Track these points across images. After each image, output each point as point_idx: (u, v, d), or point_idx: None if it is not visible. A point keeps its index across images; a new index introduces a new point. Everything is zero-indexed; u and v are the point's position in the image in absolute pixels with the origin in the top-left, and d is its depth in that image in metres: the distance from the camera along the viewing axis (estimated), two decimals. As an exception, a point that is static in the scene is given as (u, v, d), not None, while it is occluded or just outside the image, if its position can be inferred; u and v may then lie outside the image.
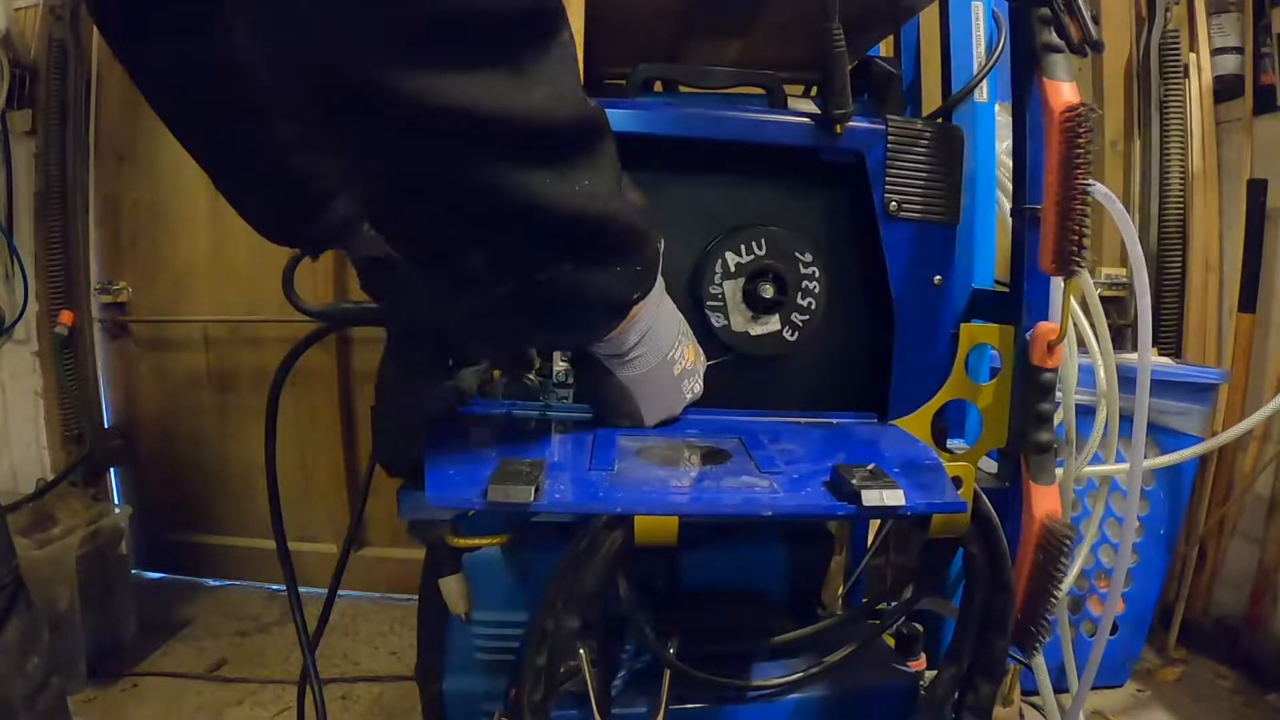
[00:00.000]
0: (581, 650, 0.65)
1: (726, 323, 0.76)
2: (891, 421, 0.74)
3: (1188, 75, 1.74)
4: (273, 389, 0.89)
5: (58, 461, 1.94)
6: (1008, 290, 0.74)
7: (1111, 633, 1.53)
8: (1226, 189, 1.74)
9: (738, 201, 0.78)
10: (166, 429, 2.03)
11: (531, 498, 0.53)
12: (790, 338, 0.76)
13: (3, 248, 1.85)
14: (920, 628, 0.89)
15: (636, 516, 0.57)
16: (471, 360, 0.70)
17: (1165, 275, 1.75)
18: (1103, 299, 1.82)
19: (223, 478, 2.02)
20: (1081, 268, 0.62)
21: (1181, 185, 1.75)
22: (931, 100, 0.98)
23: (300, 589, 0.91)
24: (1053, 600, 0.66)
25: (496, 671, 0.78)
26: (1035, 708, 1.34)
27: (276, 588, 1.97)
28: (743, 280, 0.75)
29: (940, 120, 0.87)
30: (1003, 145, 1.00)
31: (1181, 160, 1.75)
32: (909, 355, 0.75)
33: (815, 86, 0.96)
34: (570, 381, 0.74)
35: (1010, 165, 0.76)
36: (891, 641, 0.89)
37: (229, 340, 1.98)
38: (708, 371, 0.74)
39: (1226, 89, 1.73)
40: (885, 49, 1.07)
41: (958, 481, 0.60)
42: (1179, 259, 1.75)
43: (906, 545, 0.92)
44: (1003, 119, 0.96)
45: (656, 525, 0.57)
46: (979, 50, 0.94)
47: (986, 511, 0.63)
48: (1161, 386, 1.44)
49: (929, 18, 0.97)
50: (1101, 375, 1.00)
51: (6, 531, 0.72)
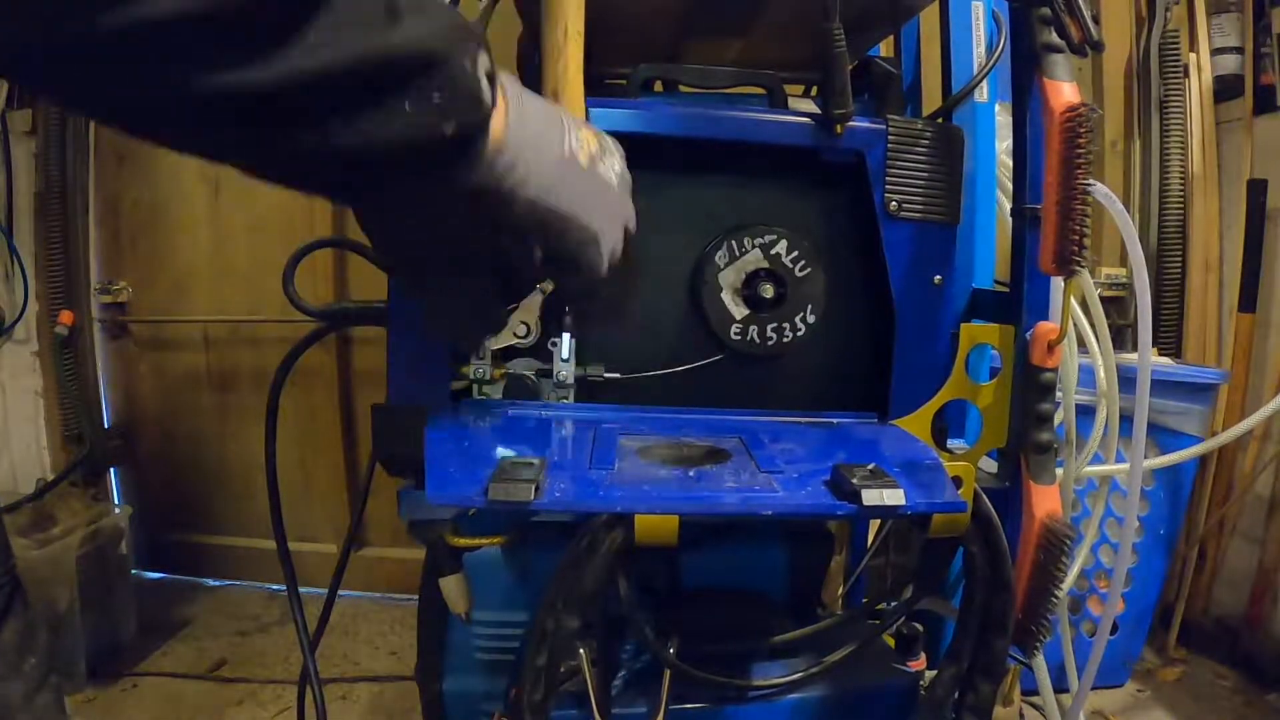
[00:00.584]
0: (581, 650, 0.65)
1: (726, 322, 0.76)
2: (892, 421, 0.74)
3: (1188, 75, 1.74)
4: (273, 389, 0.89)
5: (58, 461, 1.94)
6: (1008, 290, 0.75)
7: (1111, 633, 1.52)
8: (1226, 189, 1.74)
9: (738, 201, 0.78)
10: (166, 429, 2.03)
11: (532, 496, 0.53)
12: (790, 337, 0.76)
13: (3, 248, 1.85)
14: (920, 628, 0.89)
15: (637, 515, 0.57)
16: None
17: (1165, 275, 1.75)
18: (1103, 299, 1.82)
19: (223, 478, 2.02)
20: (1081, 268, 0.62)
21: (1181, 185, 1.75)
22: (931, 100, 0.98)
23: (300, 589, 0.91)
24: (1053, 600, 0.67)
25: (496, 671, 0.78)
26: (1035, 708, 1.34)
27: (276, 588, 1.97)
28: (742, 280, 0.75)
29: (940, 120, 0.87)
30: (1003, 145, 1.00)
31: (1181, 160, 1.75)
32: (909, 355, 0.75)
33: (815, 86, 0.96)
34: (571, 382, 0.74)
35: (1010, 165, 0.76)
36: (891, 641, 0.89)
37: (229, 340, 1.98)
38: (708, 370, 0.74)
39: (1226, 89, 1.73)
40: (885, 49, 1.07)
41: (958, 481, 0.61)
42: (1179, 259, 1.75)
43: (906, 545, 0.92)
44: (1003, 119, 0.96)
45: (657, 524, 0.57)
46: (979, 50, 0.94)
47: (987, 511, 0.63)
48: (1161, 386, 1.44)
49: (929, 18, 0.97)
50: (1101, 375, 1.00)
51: (3, 532, 0.72)
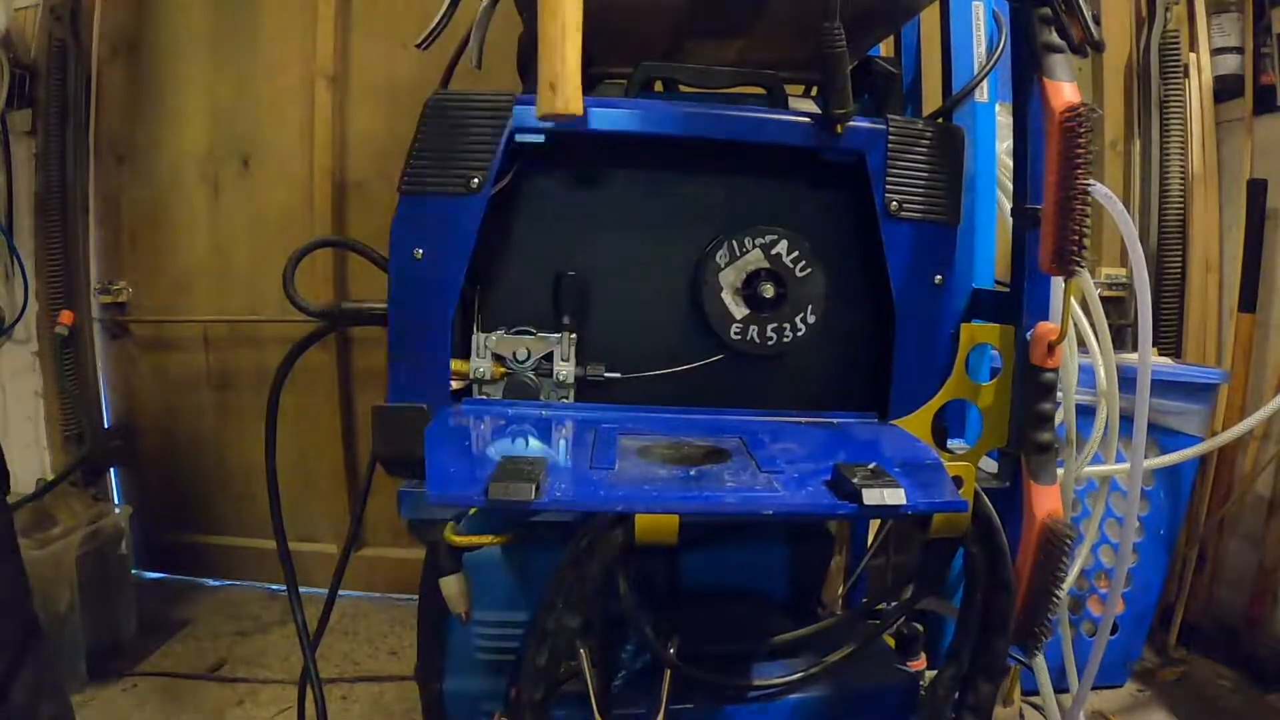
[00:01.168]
0: (582, 650, 0.65)
1: (727, 322, 0.76)
2: (892, 421, 0.74)
3: (1188, 75, 1.74)
4: (273, 389, 0.89)
5: (58, 461, 1.93)
6: (1008, 290, 0.75)
7: (1111, 633, 1.52)
8: (1226, 189, 1.74)
9: (738, 201, 0.77)
10: (166, 429, 2.03)
11: (532, 495, 0.52)
12: (790, 337, 0.76)
13: (3, 248, 1.85)
14: (920, 628, 0.89)
15: (637, 515, 0.57)
16: None
17: (1165, 275, 1.75)
18: (1103, 299, 1.83)
19: (223, 477, 2.02)
20: (1081, 268, 0.62)
21: (1181, 185, 1.75)
22: (932, 100, 0.98)
23: (300, 589, 0.91)
24: (1054, 600, 0.66)
25: (496, 671, 0.78)
26: (1035, 708, 1.34)
27: (276, 588, 1.97)
28: (743, 280, 0.75)
29: (941, 120, 0.87)
30: (1003, 145, 1.00)
31: (1181, 160, 1.75)
32: (909, 355, 0.75)
33: (815, 86, 0.96)
34: (571, 382, 0.74)
35: (1010, 165, 0.76)
36: (891, 641, 0.89)
37: (229, 340, 1.98)
38: (708, 370, 0.74)
39: (1226, 89, 1.72)
40: (885, 49, 1.07)
41: (958, 481, 0.60)
42: (1179, 259, 1.75)
43: (907, 545, 0.92)
44: (1003, 119, 0.97)
45: (657, 524, 0.57)
46: (979, 50, 0.95)
47: (987, 511, 0.63)
48: (1161, 386, 1.44)
49: (929, 18, 0.97)
50: (1101, 375, 1.00)
51: (21, 574, 0.71)
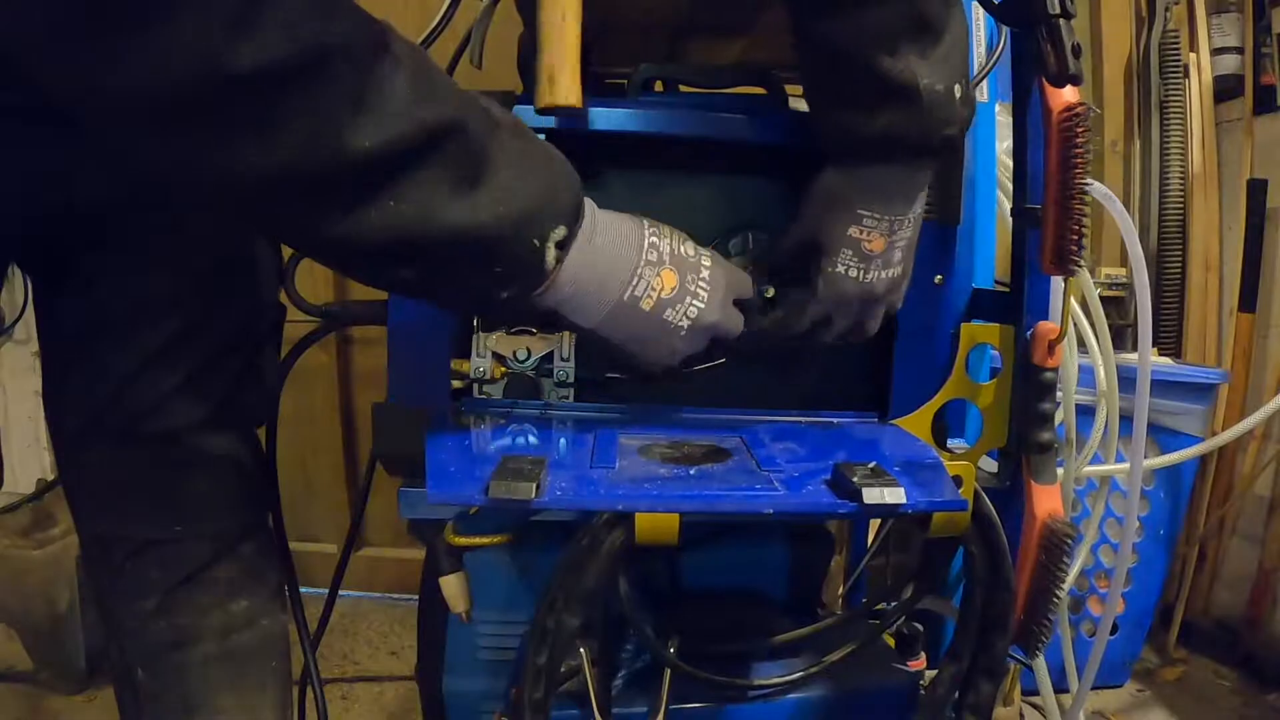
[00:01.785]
0: (582, 650, 0.65)
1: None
2: (892, 421, 0.74)
3: (1188, 75, 1.74)
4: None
5: (58, 461, 1.93)
6: (1008, 290, 0.75)
7: (1111, 633, 1.52)
8: (1226, 189, 1.74)
9: (737, 201, 0.77)
10: (166, 429, 2.03)
11: (533, 494, 0.53)
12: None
13: (3, 248, 1.85)
14: (920, 627, 0.89)
15: (637, 514, 0.57)
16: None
17: (1165, 275, 1.75)
18: (1103, 299, 1.83)
19: (223, 478, 2.02)
20: (1081, 267, 0.62)
21: (1181, 185, 1.75)
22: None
23: (300, 589, 0.91)
24: (1055, 600, 0.67)
25: (497, 671, 0.78)
26: (1035, 708, 1.34)
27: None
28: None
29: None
30: (1003, 145, 1.00)
31: (1181, 160, 1.75)
32: (909, 355, 0.75)
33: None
34: (571, 381, 0.74)
35: (1010, 165, 0.76)
36: (891, 641, 0.89)
37: (229, 340, 1.98)
38: (708, 371, 0.74)
39: (1226, 89, 1.73)
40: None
41: (958, 480, 0.61)
42: (1179, 259, 1.75)
43: (907, 545, 0.92)
44: (1003, 119, 0.97)
45: (657, 523, 0.57)
46: (979, 50, 0.95)
47: (987, 510, 0.63)
48: (1161, 386, 1.43)
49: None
50: (1101, 375, 1.00)
51: (246, 483, 0.78)
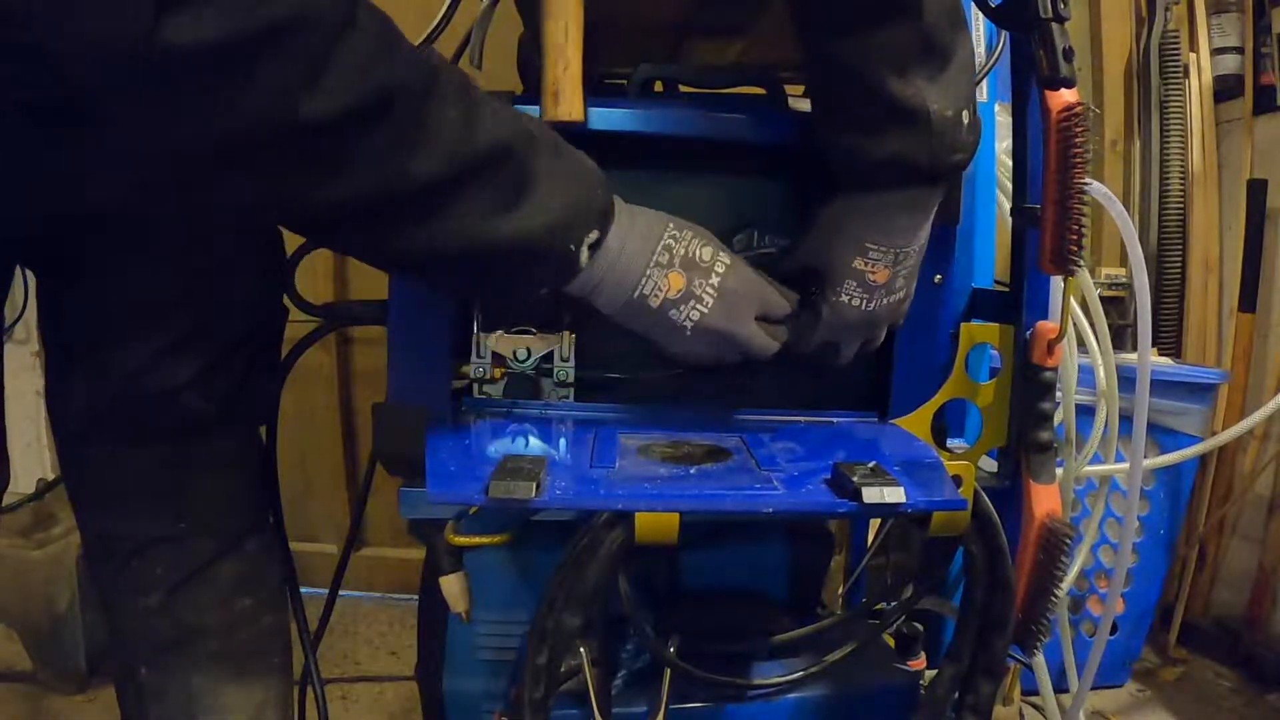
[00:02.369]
0: (582, 649, 0.65)
1: None
2: (892, 421, 0.74)
3: (1188, 75, 1.74)
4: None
5: (58, 461, 1.93)
6: (1008, 290, 0.75)
7: (1111, 633, 1.52)
8: (1226, 189, 1.74)
9: (737, 202, 0.77)
10: (167, 429, 2.03)
11: (533, 494, 0.53)
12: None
13: (3, 248, 1.85)
14: (920, 627, 0.89)
15: (637, 514, 0.57)
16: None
17: (1165, 275, 1.75)
18: (1103, 299, 1.82)
19: (223, 478, 2.02)
20: (1080, 267, 0.62)
21: (1181, 185, 1.75)
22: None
23: (300, 589, 0.91)
24: (1054, 599, 0.67)
25: (497, 671, 0.78)
26: (1035, 708, 1.34)
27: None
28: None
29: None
30: (1002, 145, 1.00)
31: (1181, 160, 1.75)
32: (909, 354, 0.75)
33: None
34: (571, 381, 0.74)
35: (1010, 165, 0.76)
36: (891, 641, 0.89)
37: (229, 340, 1.98)
38: (708, 369, 0.74)
39: (1226, 89, 1.73)
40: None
41: (958, 480, 0.61)
42: (1179, 259, 1.75)
43: (906, 544, 0.92)
44: (1003, 119, 0.96)
45: (657, 523, 0.57)
46: (979, 50, 0.95)
47: (986, 510, 0.63)
48: (1161, 386, 1.44)
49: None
50: (1101, 375, 1.00)
51: (249, 481, 0.79)
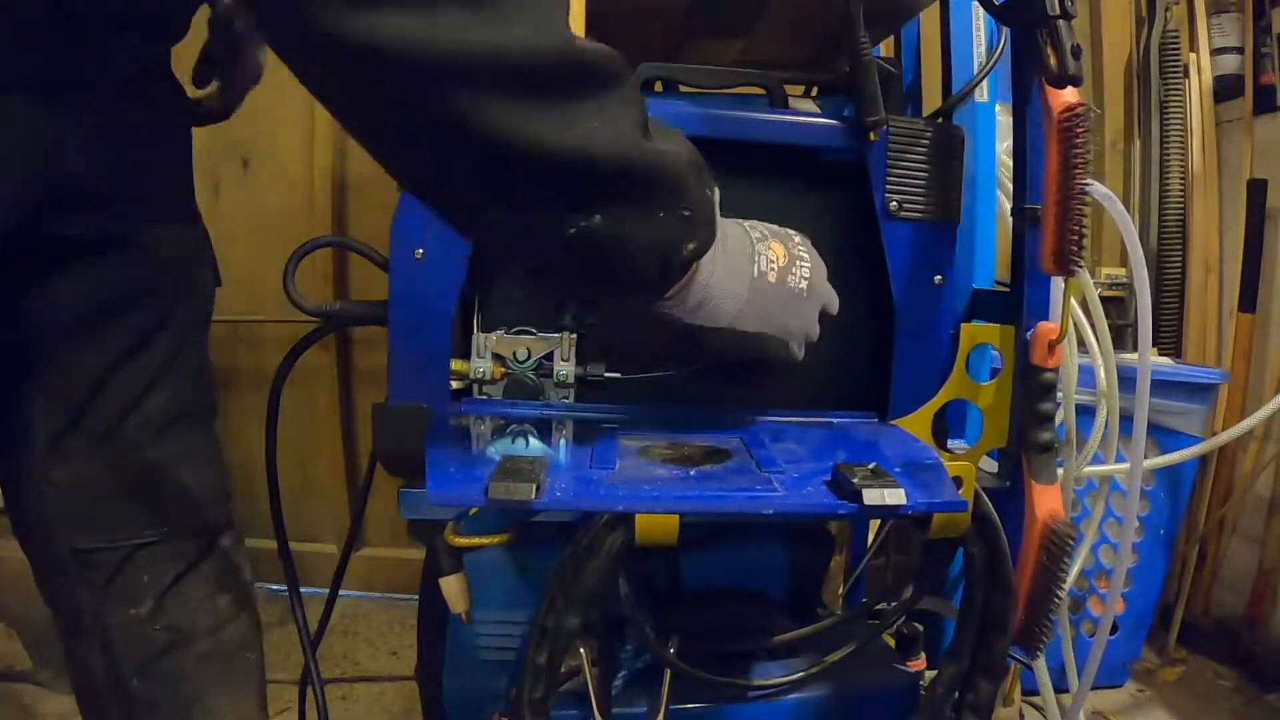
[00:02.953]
0: (582, 650, 0.65)
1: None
2: (892, 421, 0.74)
3: (1188, 75, 1.74)
4: (273, 389, 0.89)
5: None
6: (1008, 290, 0.75)
7: (1111, 633, 1.52)
8: (1226, 189, 1.74)
9: (737, 202, 0.77)
10: (166, 429, 2.03)
11: (533, 495, 0.52)
12: None
13: (3, 248, 1.85)
14: (920, 628, 0.89)
15: (637, 515, 0.57)
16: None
17: (1165, 275, 1.75)
18: (1103, 299, 1.82)
19: (222, 478, 2.02)
20: (1081, 267, 0.62)
21: (1181, 185, 1.75)
22: (932, 100, 0.98)
23: (300, 589, 0.91)
24: (1055, 600, 0.66)
25: (497, 671, 0.78)
26: (1035, 708, 1.34)
27: (277, 588, 1.96)
28: None
29: (941, 120, 0.87)
30: (1003, 145, 1.00)
31: (1181, 160, 1.75)
32: (909, 355, 0.75)
33: (815, 86, 0.96)
34: (571, 381, 0.74)
35: (1010, 165, 0.76)
36: (891, 641, 0.89)
37: (227, 340, 1.97)
38: (708, 370, 0.74)
39: (1226, 89, 1.72)
40: (885, 49, 1.07)
41: (958, 481, 0.60)
42: (1179, 259, 1.75)
43: (907, 545, 0.92)
44: (1003, 119, 0.97)
45: (658, 524, 0.57)
46: (979, 50, 0.95)
47: (987, 511, 0.63)
48: (1161, 386, 1.43)
49: (929, 18, 0.97)
50: (1102, 375, 1.00)
51: (218, 476, 0.81)
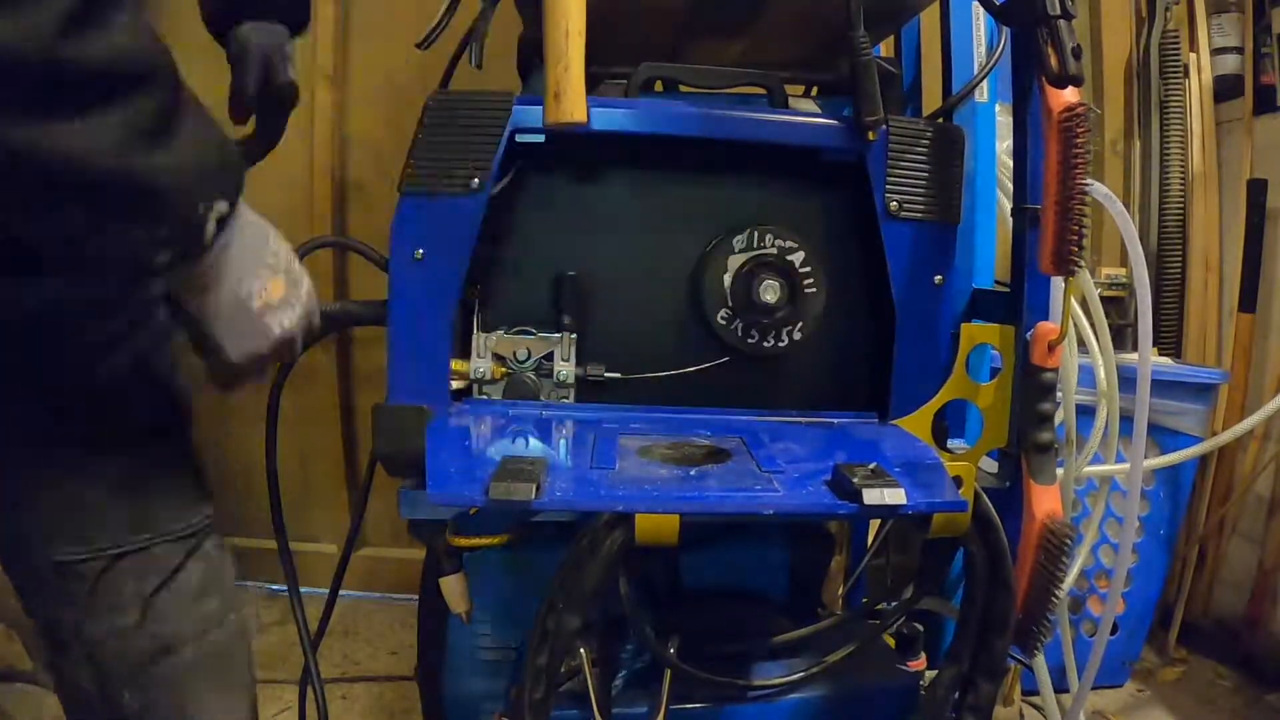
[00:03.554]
0: (582, 650, 0.65)
1: (728, 323, 0.76)
2: (893, 421, 0.74)
3: (1188, 75, 1.74)
4: (273, 389, 0.89)
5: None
6: (1008, 290, 0.74)
7: (1111, 633, 1.52)
8: (1226, 189, 1.74)
9: (736, 201, 0.77)
10: (167, 429, 2.03)
11: (533, 495, 0.53)
12: (791, 338, 0.76)
13: (3, 248, 1.85)
14: (920, 628, 0.89)
15: (637, 515, 0.57)
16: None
17: (1165, 275, 1.75)
18: (1103, 299, 1.83)
19: (223, 477, 2.02)
20: (1081, 267, 0.62)
21: (1181, 185, 1.75)
22: (931, 100, 0.98)
23: (300, 589, 0.91)
24: (1054, 600, 0.67)
25: (497, 671, 0.79)
26: (1035, 708, 1.35)
27: (277, 588, 1.97)
28: (744, 281, 0.75)
29: (941, 120, 0.87)
30: (1003, 145, 1.00)
31: (1181, 160, 1.75)
32: (910, 355, 0.74)
33: (815, 87, 0.96)
34: (571, 382, 0.74)
35: (1010, 165, 0.76)
36: (892, 641, 0.89)
37: (229, 340, 1.98)
38: (710, 372, 0.74)
39: (1226, 89, 1.72)
40: (885, 49, 1.07)
41: (958, 481, 0.61)
42: (1179, 259, 1.75)
43: (907, 545, 0.92)
44: (1003, 119, 0.97)
45: (658, 524, 0.57)
46: (979, 50, 0.95)
47: (986, 511, 0.63)
48: (1162, 386, 1.43)
49: (929, 17, 0.97)
50: (1102, 375, 1.00)
51: (198, 479, 0.79)
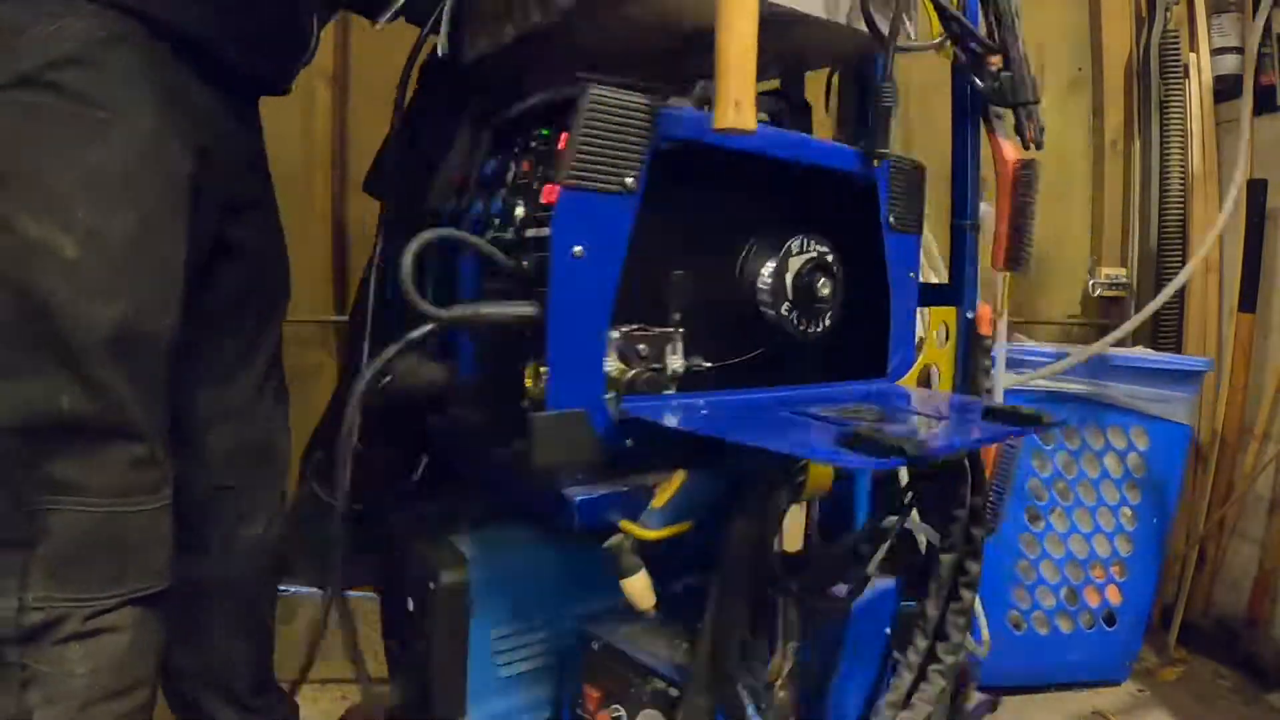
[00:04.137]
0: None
1: (789, 314, 0.82)
2: (896, 383, 0.89)
3: (1188, 75, 1.74)
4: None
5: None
6: (944, 285, 1.02)
7: (1110, 625, 1.53)
8: (1226, 189, 1.74)
9: (786, 210, 0.85)
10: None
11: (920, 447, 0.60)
12: (824, 324, 0.85)
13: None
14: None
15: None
16: None
17: (1165, 275, 1.74)
18: (1103, 299, 1.83)
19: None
20: (1023, 264, 0.95)
21: (1181, 185, 1.75)
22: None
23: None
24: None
25: (522, 685, 0.84)
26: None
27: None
28: (806, 278, 0.82)
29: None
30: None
31: (1181, 160, 1.74)
32: (901, 332, 0.90)
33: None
34: (680, 374, 0.79)
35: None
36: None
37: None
38: (768, 356, 0.84)
39: (1226, 89, 1.72)
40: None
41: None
42: (1179, 259, 1.74)
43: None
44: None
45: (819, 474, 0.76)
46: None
47: None
48: (1146, 374, 1.46)
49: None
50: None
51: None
